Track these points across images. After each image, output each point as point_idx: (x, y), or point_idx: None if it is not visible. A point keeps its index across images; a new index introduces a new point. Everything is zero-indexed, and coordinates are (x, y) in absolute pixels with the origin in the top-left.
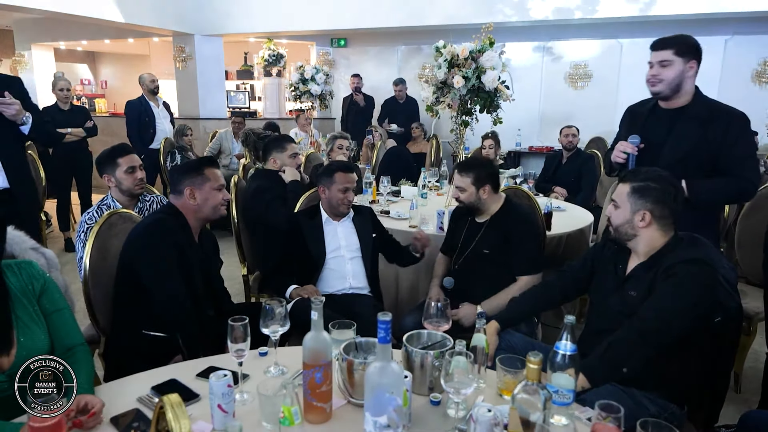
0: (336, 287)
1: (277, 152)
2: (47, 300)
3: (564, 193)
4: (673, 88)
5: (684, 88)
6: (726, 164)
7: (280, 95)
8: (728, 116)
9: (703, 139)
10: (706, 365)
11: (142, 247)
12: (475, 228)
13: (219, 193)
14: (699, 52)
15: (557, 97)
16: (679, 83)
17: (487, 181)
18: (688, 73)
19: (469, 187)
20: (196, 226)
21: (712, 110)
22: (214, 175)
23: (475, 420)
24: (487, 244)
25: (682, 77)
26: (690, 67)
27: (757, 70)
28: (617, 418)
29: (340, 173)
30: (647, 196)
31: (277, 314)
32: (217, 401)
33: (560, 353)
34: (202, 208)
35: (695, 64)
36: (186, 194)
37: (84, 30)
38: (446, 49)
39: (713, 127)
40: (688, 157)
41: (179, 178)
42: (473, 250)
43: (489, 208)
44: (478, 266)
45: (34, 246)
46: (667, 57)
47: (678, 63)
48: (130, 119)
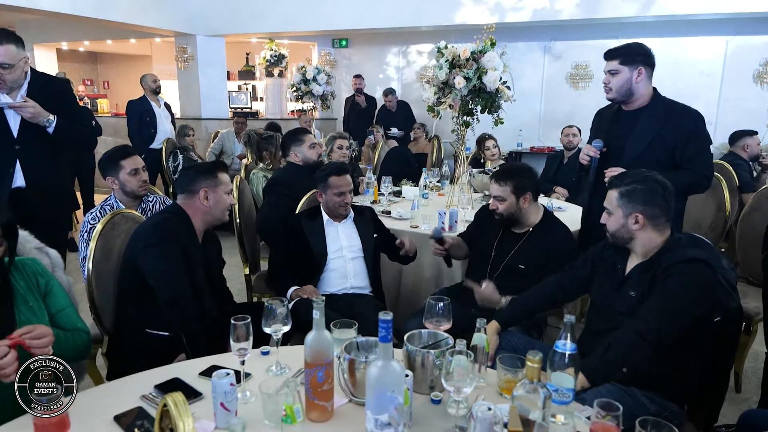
0: (337, 287)
1: (296, 146)
2: (52, 300)
3: (565, 194)
4: (623, 94)
5: (637, 93)
6: (681, 159)
7: (281, 96)
8: (682, 114)
9: (659, 137)
10: (705, 365)
11: (146, 246)
12: (511, 239)
13: (228, 197)
14: (648, 58)
15: (558, 98)
16: (629, 89)
17: (528, 189)
18: (637, 79)
19: (510, 197)
20: (201, 228)
21: (668, 109)
22: (226, 179)
23: (476, 418)
24: (524, 259)
25: (631, 83)
26: (638, 73)
27: (759, 70)
28: (616, 416)
29: (333, 177)
30: (636, 198)
31: (279, 314)
32: (219, 400)
33: (560, 352)
34: (213, 210)
35: (644, 69)
36: (200, 195)
37: (86, 30)
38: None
39: (668, 125)
40: (645, 154)
41: (194, 178)
42: (507, 264)
43: (528, 219)
44: (510, 282)
45: (39, 245)
46: (614, 67)
47: (624, 71)
48: (132, 119)
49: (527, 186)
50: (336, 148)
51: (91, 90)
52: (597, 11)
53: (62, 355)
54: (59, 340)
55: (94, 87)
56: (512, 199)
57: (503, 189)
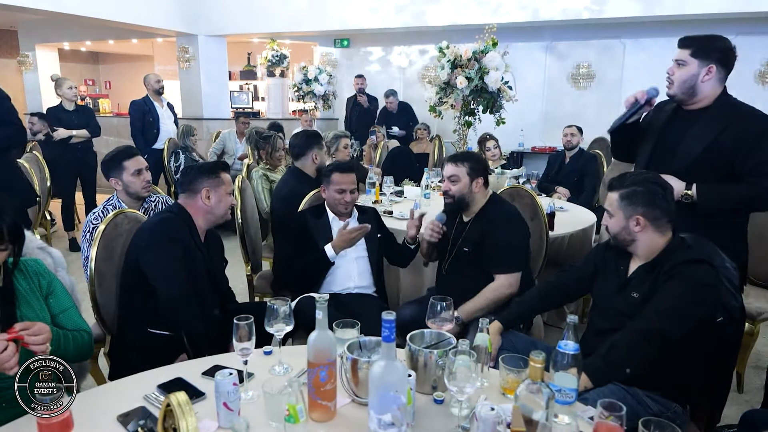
0: (341, 287)
1: (318, 149)
2: (54, 301)
3: (566, 194)
4: (685, 91)
5: (701, 93)
6: (742, 169)
7: (283, 96)
8: (747, 119)
9: (717, 143)
10: (708, 365)
11: (149, 246)
12: (461, 227)
13: (229, 197)
14: (726, 57)
15: (560, 98)
16: (693, 86)
17: (481, 174)
18: (705, 77)
19: (464, 177)
20: (203, 227)
21: (732, 113)
22: (227, 179)
23: (478, 418)
24: (469, 242)
25: (696, 80)
26: (708, 71)
27: (761, 70)
28: (619, 416)
29: (336, 174)
30: (637, 200)
31: (281, 313)
32: (222, 399)
33: (563, 353)
34: (215, 209)
35: (716, 68)
36: (202, 194)
37: (88, 30)
38: (449, 49)
39: (729, 131)
40: (699, 161)
41: (196, 178)
42: (457, 251)
43: (476, 204)
44: (462, 267)
45: (41, 245)
46: (683, 57)
47: (693, 65)
48: (134, 119)
49: (480, 171)
50: (342, 147)
51: (93, 90)
52: (599, 11)
53: (64, 355)
54: (60, 340)
55: (95, 87)
56: (466, 180)
57: (459, 169)
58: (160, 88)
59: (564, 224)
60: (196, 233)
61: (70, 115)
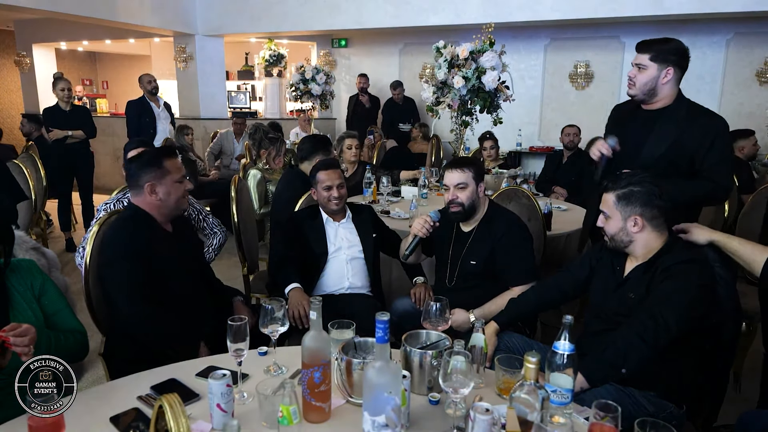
0: (335, 287)
1: (324, 155)
2: (47, 302)
3: (564, 193)
4: (646, 93)
5: (661, 93)
6: (700, 167)
7: (280, 95)
8: (706, 120)
9: (679, 142)
10: (704, 365)
11: (101, 265)
12: (463, 238)
13: (181, 185)
14: (682, 59)
15: (558, 97)
16: (653, 88)
17: (482, 177)
18: (664, 80)
19: (471, 183)
20: (163, 220)
21: (691, 113)
22: (174, 166)
23: (474, 419)
24: (475, 255)
25: (656, 83)
26: (667, 73)
27: (759, 69)
28: (614, 417)
29: (321, 172)
30: (634, 201)
31: (276, 314)
32: (216, 401)
33: (559, 353)
34: (165, 203)
35: (674, 71)
36: (146, 191)
37: (85, 30)
38: (446, 49)
39: (690, 130)
40: (663, 159)
41: (137, 173)
42: (462, 264)
43: (480, 211)
44: (469, 280)
45: (35, 245)
46: (643, 62)
47: (652, 69)
48: (130, 119)
49: (482, 174)
50: (345, 148)
51: (90, 90)
52: (597, 11)
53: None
54: (51, 341)
55: (93, 87)
56: (473, 186)
57: (466, 175)
58: (153, 88)
59: (561, 224)
60: (158, 228)
61: (66, 115)
